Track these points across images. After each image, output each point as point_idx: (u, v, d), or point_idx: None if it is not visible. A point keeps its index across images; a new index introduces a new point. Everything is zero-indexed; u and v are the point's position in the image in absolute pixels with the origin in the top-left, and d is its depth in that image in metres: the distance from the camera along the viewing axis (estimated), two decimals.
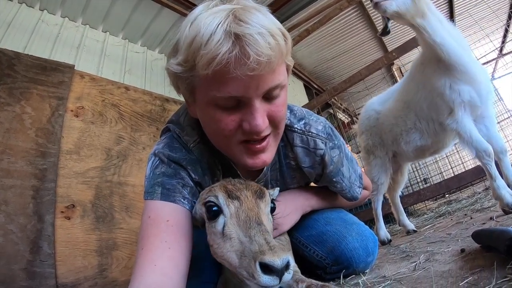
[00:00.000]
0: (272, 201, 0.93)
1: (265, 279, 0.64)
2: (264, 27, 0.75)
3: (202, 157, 1.07)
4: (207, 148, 1.07)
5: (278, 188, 1.09)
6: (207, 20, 0.75)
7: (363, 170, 1.52)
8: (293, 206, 1.24)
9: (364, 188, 1.38)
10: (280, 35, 0.79)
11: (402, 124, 2.06)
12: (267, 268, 0.64)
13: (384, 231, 2.21)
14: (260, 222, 0.76)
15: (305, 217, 1.30)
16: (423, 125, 1.98)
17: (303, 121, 1.13)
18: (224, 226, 0.79)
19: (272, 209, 0.92)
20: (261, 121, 0.84)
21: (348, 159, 1.22)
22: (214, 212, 0.83)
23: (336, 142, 1.16)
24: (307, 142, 1.11)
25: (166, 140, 1.09)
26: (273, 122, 0.90)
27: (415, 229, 2.17)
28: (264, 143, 0.91)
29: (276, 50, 0.77)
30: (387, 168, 2.25)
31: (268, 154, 0.95)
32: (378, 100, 2.36)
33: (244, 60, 0.73)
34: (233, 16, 0.75)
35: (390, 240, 2.12)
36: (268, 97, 0.86)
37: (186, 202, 0.96)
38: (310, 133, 1.11)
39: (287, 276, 0.66)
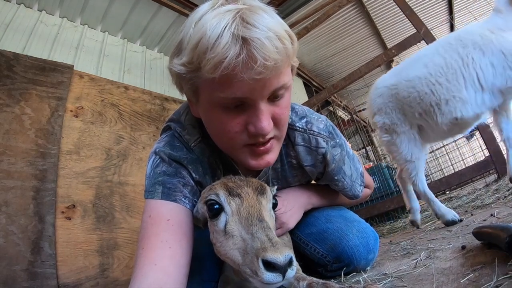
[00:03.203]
0: (274, 197, 0.92)
1: (268, 276, 0.64)
2: (272, 31, 0.74)
3: (203, 156, 1.07)
4: (208, 147, 1.06)
5: (276, 187, 1.09)
6: (213, 22, 0.73)
7: (365, 168, 1.50)
8: (295, 203, 1.24)
9: (366, 187, 1.37)
10: (287, 38, 0.78)
11: (443, 90, 1.80)
12: (270, 265, 0.63)
13: (448, 210, 1.83)
14: (262, 218, 0.76)
15: (306, 215, 1.30)
16: (476, 91, 1.74)
17: (304, 120, 1.12)
18: (226, 224, 0.79)
19: (274, 205, 0.92)
20: (266, 124, 0.83)
21: (349, 157, 1.22)
22: (215, 210, 0.82)
23: (337, 140, 1.16)
24: (308, 140, 1.11)
25: (167, 138, 1.08)
26: (277, 124, 0.90)
27: (419, 225, 2.05)
28: (268, 145, 0.91)
29: (283, 54, 0.76)
30: (417, 140, 1.97)
31: (272, 155, 0.95)
32: (389, 76, 2.13)
33: (251, 64, 0.72)
34: (240, 18, 0.73)
35: (461, 220, 1.77)
36: (273, 98, 0.86)
37: (187, 201, 0.96)
38: (311, 132, 1.10)
39: (291, 273, 0.65)
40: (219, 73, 0.73)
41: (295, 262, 0.67)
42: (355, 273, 1.17)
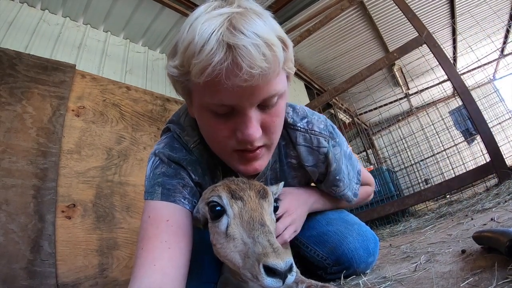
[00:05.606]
0: (276, 200, 0.93)
1: (269, 281, 0.64)
2: (261, 37, 0.71)
3: (202, 157, 1.07)
4: (207, 149, 1.06)
5: (283, 182, 1.08)
6: (203, 26, 0.72)
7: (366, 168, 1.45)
8: (305, 207, 1.21)
9: (366, 184, 1.36)
10: (278, 45, 0.75)
11: None
12: (270, 270, 0.64)
13: None
14: (264, 223, 0.76)
15: (306, 218, 1.30)
16: None
17: (305, 120, 1.12)
18: (227, 227, 0.79)
19: (275, 208, 0.92)
20: (253, 131, 0.82)
21: (346, 156, 1.21)
22: (217, 212, 0.82)
23: (337, 140, 1.16)
24: (310, 140, 1.10)
25: (167, 140, 1.09)
26: (267, 131, 0.89)
27: None
28: (257, 152, 0.90)
29: (272, 61, 0.74)
30: None
31: (261, 162, 0.95)
32: None
33: (236, 71, 0.71)
34: (229, 23, 0.72)
35: None
36: (264, 105, 0.85)
37: (187, 202, 0.96)
38: (313, 132, 1.10)
39: (290, 279, 0.66)
40: (204, 79, 0.73)
41: (295, 268, 0.68)
42: (354, 276, 1.17)
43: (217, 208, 0.83)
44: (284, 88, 0.88)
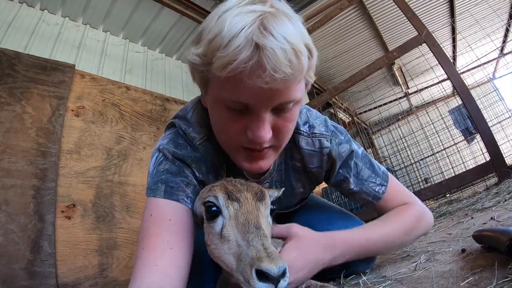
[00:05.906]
0: (272, 203, 0.92)
1: (260, 286, 0.63)
2: (289, 43, 0.70)
3: (208, 155, 1.05)
4: (213, 147, 1.05)
5: (283, 189, 1.08)
6: (233, 20, 0.71)
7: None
8: (312, 268, 0.94)
9: (403, 203, 1.17)
10: (304, 53, 0.75)
11: None
12: (263, 275, 0.63)
13: None
14: (259, 226, 0.76)
15: (306, 217, 1.29)
16: None
17: (307, 124, 1.12)
18: (222, 228, 0.79)
19: (271, 211, 0.91)
20: (264, 133, 0.82)
21: (358, 155, 1.17)
22: (213, 212, 0.82)
23: (342, 137, 1.14)
24: (312, 143, 1.11)
25: (171, 135, 1.07)
26: (277, 135, 0.89)
27: None
28: (264, 151, 0.90)
29: (296, 68, 0.73)
30: None
31: (266, 162, 0.94)
32: None
33: (259, 72, 0.70)
34: (260, 22, 0.71)
35: None
36: (279, 109, 0.84)
37: (189, 201, 0.95)
38: (314, 134, 1.11)
39: (283, 284, 0.65)
40: (226, 74, 0.72)
41: (288, 273, 0.67)
42: (354, 275, 1.16)
43: (212, 209, 0.82)
44: (301, 96, 0.87)
